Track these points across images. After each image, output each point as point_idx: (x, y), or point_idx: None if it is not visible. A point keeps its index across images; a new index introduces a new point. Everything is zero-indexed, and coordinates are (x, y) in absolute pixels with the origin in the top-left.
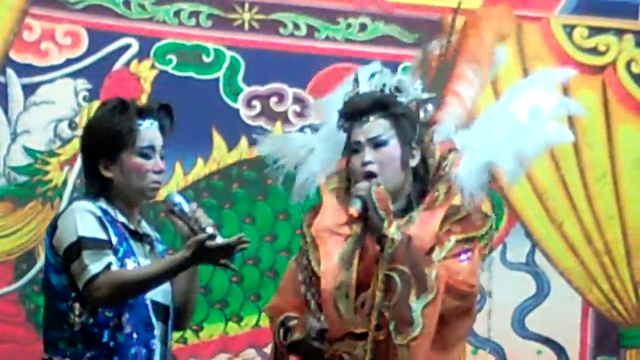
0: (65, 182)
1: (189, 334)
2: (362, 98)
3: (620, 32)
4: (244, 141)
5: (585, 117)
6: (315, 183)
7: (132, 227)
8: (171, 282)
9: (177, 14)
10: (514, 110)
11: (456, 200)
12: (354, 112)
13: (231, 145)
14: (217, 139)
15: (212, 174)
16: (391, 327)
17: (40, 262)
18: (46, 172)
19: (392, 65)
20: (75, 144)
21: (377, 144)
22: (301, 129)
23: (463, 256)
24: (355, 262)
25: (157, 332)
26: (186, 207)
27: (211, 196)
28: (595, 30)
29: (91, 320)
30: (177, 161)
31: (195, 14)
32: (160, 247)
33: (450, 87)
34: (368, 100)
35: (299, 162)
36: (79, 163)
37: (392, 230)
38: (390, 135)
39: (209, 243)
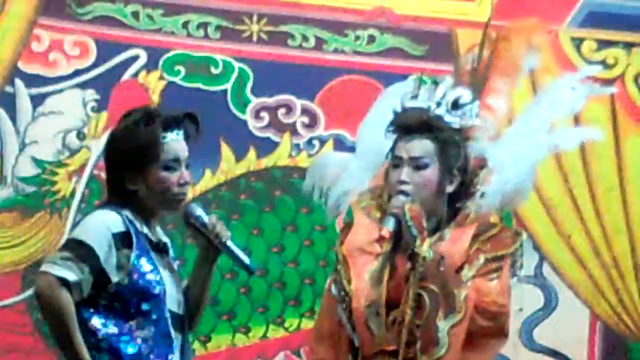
0: (73, 193)
1: (196, 345)
2: (413, 114)
3: (628, 46)
4: (252, 152)
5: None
6: (348, 201)
7: (153, 239)
8: (184, 290)
9: (185, 25)
10: (539, 119)
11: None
12: (401, 126)
13: (239, 156)
14: (225, 151)
15: (219, 185)
16: (417, 346)
17: None
18: (54, 183)
19: (400, 77)
20: (84, 154)
21: (417, 165)
22: (309, 141)
23: (492, 275)
24: (385, 280)
25: (175, 343)
26: (206, 219)
27: (219, 207)
28: (603, 44)
29: (115, 330)
30: None
31: (203, 25)
32: (172, 253)
33: (483, 101)
34: (418, 119)
35: (333, 180)
36: (87, 173)
37: (425, 248)
38: (432, 160)
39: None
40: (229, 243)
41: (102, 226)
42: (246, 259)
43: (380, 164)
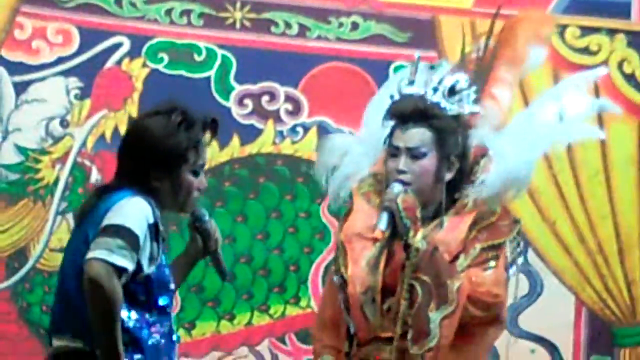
0: (56, 180)
1: (181, 332)
2: (409, 102)
3: (612, 32)
4: (235, 140)
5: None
6: (349, 186)
7: (165, 235)
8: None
9: (168, 12)
10: (543, 116)
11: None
12: (397, 115)
13: (223, 143)
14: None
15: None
16: (409, 336)
17: (32, 260)
18: (38, 170)
19: (384, 64)
20: (67, 141)
21: (415, 155)
22: (293, 128)
23: (488, 264)
24: (382, 266)
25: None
26: (210, 226)
27: (203, 194)
28: (587, 30)
29: (137, 323)
30: None
31: (186, 13)
32: None
33: (487, 90)
34: (414, 107)
35: (335, 164)
36: (70, 161)
37: (418, 239)
38: (429, 149)
39: None
40: (220, 251)
41: (142, 215)
42: (226, 268)
43: (382, 149)
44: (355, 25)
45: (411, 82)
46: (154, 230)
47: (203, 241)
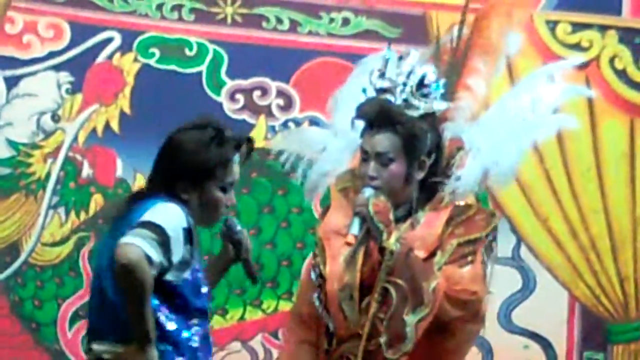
0: (48, 175)
1: None
2: (375, 106)
3: (603, 28)
4: None
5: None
6: (326, 182)
7: (198, 241)
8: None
9: (159, 7)
10: (517, 107)
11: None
12: (365, 119)
13: None
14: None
15: None
16: (383, 339)
17: (24, 254)
18: (29, 165)
19: None
20: (59, 136)
21: (383, 161)
22: (285, 123)
23: (465, 260)
24: (359, 263)
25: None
26: (242, 235)
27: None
28: (578, 26)
29: (176, 326)
30: None
31: (177, 8)
32: None
33: (462, 81)
34: (379, 111)
35: (312, 160)
36: (62, 155)
37: (391, 241)
38: (397, 154)
39: None
40: (250, 258)
41: (177, 219)
42: (257, 273)
43: (358, 143)
44: (346, 21)
45: (382, 75)
46: (187, 235)
47: (235, 249)
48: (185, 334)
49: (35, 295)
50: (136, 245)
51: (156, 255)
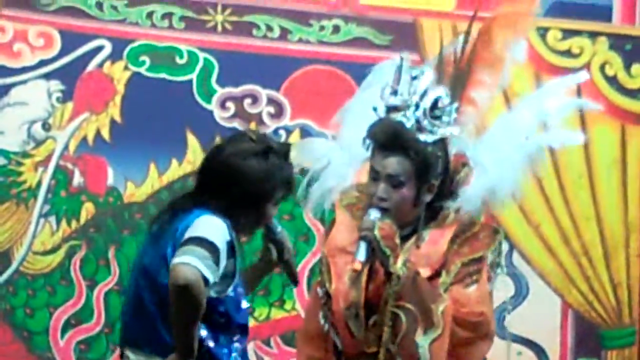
0: (39, 183)
1: None
2: (389, 129)
3: (593, 35)
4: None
5: (561, 119)
6: (331, 198)
7: (241, 254)
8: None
9: (149, 15)
10: (523, 122)
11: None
12: (377, 141)
13: (205, 146)
14: (192, 140)
15: (186, 175)
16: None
17: (16, 263)
18: (20, 173)
19: (365, 67)
20: (49, 144)
21: (393, 183)
22: (275, 131)
23: (470, 279)
24: (364, 281)
25: None
26: (283, 236)
27: None
28: (568, 33)
29: (215, 342)
30: (151, 162)
31: (168, 16)
32: None
33: (466, 94)
34: (393, 135)
35: (316, 174)
36: (52, 164)
37: (398, 266)
38: (408, 178)
39: None
40: (291, 259)
41: (222, 232)
42: (297, 274)
43: (364, 157)
44: (336, 28)
45: (394, 92)
46: (230, 249)
47: (277, 251)
48: (224, 351)
49: (27, 304)
50: (192, 265)
51: (211, 274)
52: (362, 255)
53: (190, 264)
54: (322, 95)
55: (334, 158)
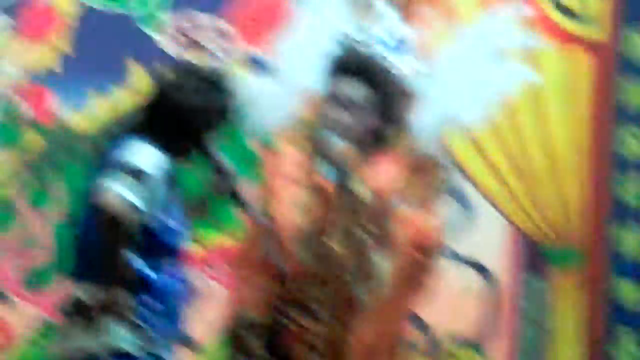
0: None
1: None
2: (358, 57)
3: None
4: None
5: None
6: (268, 129)
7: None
8: None
9: None
10: (474, 55)
11: (412, 146)
12: (345, 69)
13: (149, 75)
14: (136, 70)
15: (131, 105)
16: (351, 278)
17: None
18: None
19: None
20: None
21: (356, 110)
22: (224, 59)
23: (422, 207)
24: (311, 207)
25: None
26: (225, 163)
27: None
28: None
29: (145, 261)
30: (95, 92)
31: None
32: None
33: (409, 10)
34: (360, 64)
35: (251, 105)
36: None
37: (358, 186)
38: (371, 106)
39: None
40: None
41: (155, 160)
42: (245, 200)
43: (304, 89)
44: None
45: (360, 27)
46: (164, 176)
47: (222, 179)
48: (153, 273)
49: None
50: (117, 192)
51: (139, 203)
52: (332, 175)
53: (113, 189)
54: (268, 24)
55: (270, 87)
